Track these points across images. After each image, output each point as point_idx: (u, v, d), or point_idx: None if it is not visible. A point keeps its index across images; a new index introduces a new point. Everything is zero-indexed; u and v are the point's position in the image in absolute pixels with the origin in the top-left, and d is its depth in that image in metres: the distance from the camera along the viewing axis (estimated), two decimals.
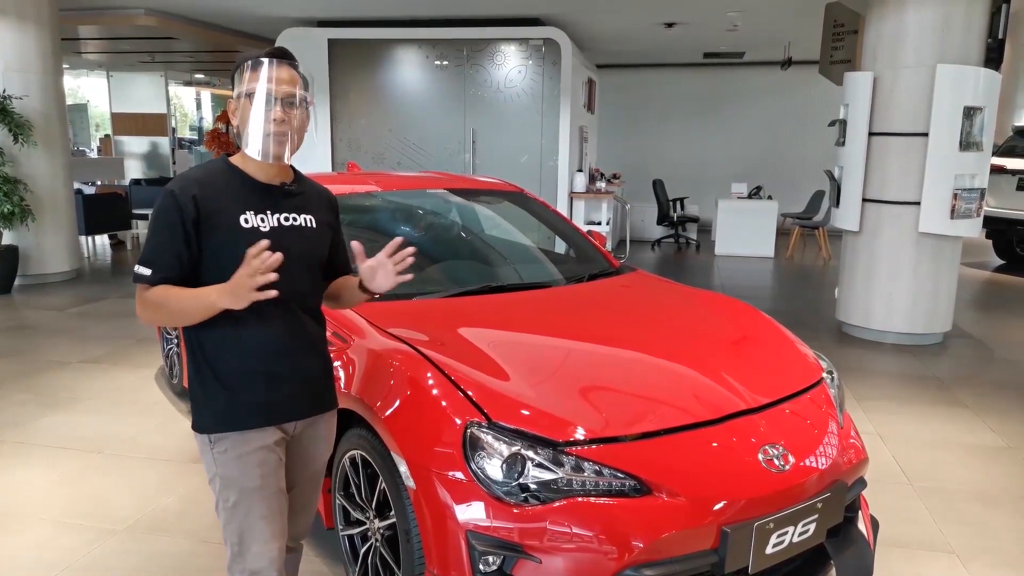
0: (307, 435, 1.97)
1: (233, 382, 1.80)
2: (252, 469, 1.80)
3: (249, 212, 1.77)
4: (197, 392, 1.85)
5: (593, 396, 2.23)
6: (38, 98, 7.40)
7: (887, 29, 5.68)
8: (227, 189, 1.77)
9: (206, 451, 1.84)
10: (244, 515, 1.81)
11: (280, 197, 1.83)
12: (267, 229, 1.77)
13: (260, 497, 1.81)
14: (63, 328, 6.03)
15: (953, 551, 2.94)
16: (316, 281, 1.94)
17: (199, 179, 1.76)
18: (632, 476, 1.97)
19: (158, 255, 1.72)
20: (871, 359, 5.54)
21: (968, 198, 5.57)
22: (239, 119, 1.77)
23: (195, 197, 1.72)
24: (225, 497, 1.81)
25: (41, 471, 3.51)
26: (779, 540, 2.05)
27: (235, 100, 1.78)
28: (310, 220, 1.87)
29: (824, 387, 2.53)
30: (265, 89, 1.72)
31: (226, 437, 1.80)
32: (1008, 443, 4.00)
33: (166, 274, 1.72)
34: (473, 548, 1.93)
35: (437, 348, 2.35)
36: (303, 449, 1.99)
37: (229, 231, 1.74)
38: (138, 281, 1.74)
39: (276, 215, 1.81)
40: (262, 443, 1.82)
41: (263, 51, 1.77)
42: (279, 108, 1.73)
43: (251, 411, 1.82)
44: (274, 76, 1.73)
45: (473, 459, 2.00)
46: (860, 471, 2.38)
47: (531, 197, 3.94)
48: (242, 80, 1.76)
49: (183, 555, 2.81)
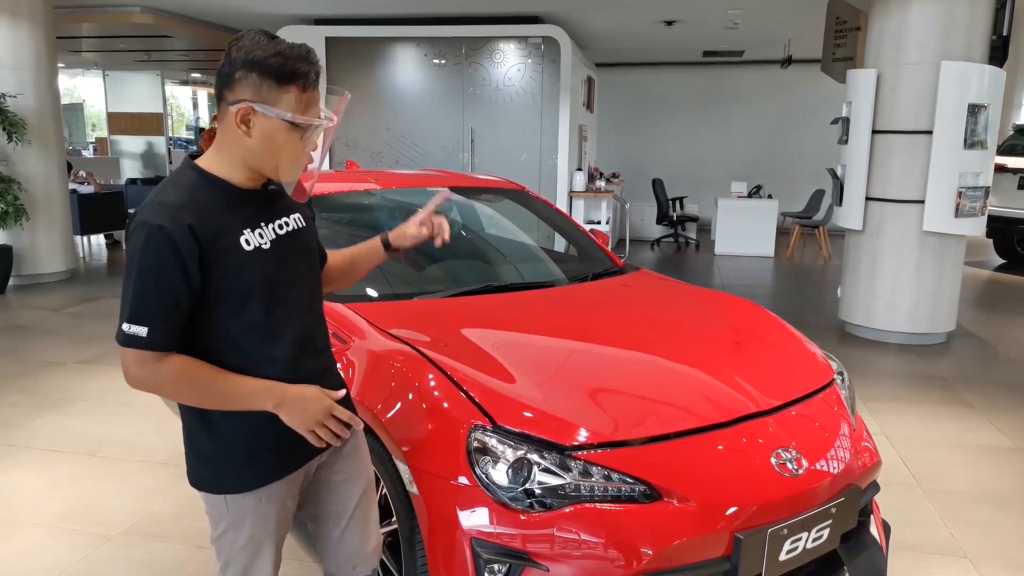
0: (340, 453, 1.77)
1: (252, 428, 1.56)
2: (269, 521, 1.63)
3: (247, 231, 1.52)
4: (203, 444, 1.59)
5: (601, 398, 2.17)
6: (32, 96, 7.32)
7: (890, 26, 5.63)
8: (216, 207, 1.49)
9: (217, 507, 1.62)
10: (251, 556, 1.64)
11: (266, 202, 1.60)
12: (268, 245, 1.55)
13: (271, 544, 1.66)
14: (58, 328, 5.96)
15: (964, 554, 2.89)
16: (319, 281, 1.78)
17: (184, 203, 1.44)
18: (642, 481, 1.91)
19: (152, 307, 1.41)
20: (874, 359, 5.49)
21: (972, 196, 5.53)
22: (257, 136, 1.46)
23: (191, 228, 1.42)
24: (232, 539, 1.63)
25: (34, 474, 3.45)
26: (793, 546, 1.99)
27: (256, 113, 1.45)
28: (299, 219, 1.67)
29: (835, 388, 2.47)
30: (303, 121, 1.47)
31: (249, 495, 1.60)
32: (1016, 444, 3.95)
33: (168, 330, 1.42)
34: (478, 556, 1.87)
35: (439, 349, 2.28)
36: (341, 468, 1.77)
37: (233, 258, 1.48)
38: (132, 345, 1.42)
39: (270, 225, 1.58)
40: (284, 493, 1.64)
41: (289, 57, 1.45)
42: (314, 137, 1.52)
43: (276, 458, 1.61)
44: (316, 103, 1.50)
45: (478, 464, 1.94)
46: (873, 474, 2.32)
47: (533, 195, 3.88)
48: (266, 90, 1.44)
49: (179, 561, 2.75)
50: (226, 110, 1.48)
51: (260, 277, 1.53)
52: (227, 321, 1.52)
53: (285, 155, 1.49)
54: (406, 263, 3.40)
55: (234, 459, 1.59)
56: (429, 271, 3.35)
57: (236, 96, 1.46)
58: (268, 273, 1.55)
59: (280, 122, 1.46)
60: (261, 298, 1.54)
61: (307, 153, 1.53)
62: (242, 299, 1.51)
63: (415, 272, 3.33)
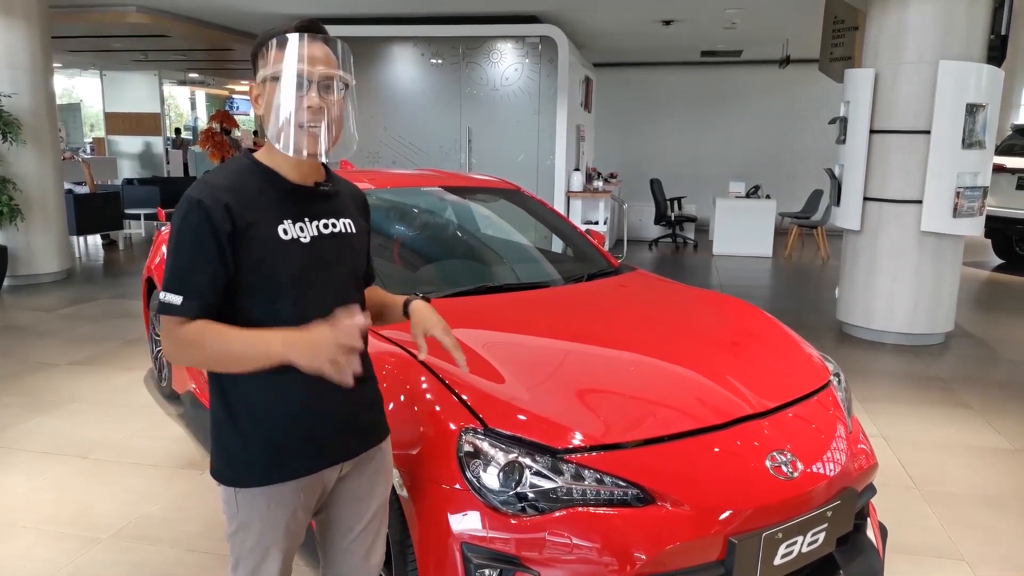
0: (364, 471, 1.72)
1: (274, 423, 1.54)
2: (277, 528, 1.58)
3: (287, 221, 1.51)
4: (228, 437, 1.56)
5: (594, 401, 2.14)
6: (27, 96, 7.28)
7: (888, 25, 5.60)
8: (259, 194, 1.50)
9: (229, 503, 1.59)
10: (259, 560, 1.60)
11: (316, 200, 1.58)
12: (308, 240, 1.53)
13: (278, 552, 1.61)
14: (52, 329, 5.93)
15: (962, 557, 2.86)
16: (360, 293, 1.72)
17: (228, 185, 1.48)
18: (635, 484, 1.89)
19: (189, 279, 1.43)
20: (872, 360, 5.46)
21: (971, 196, 5.50)
22: (263, 107, 1.48)
23: (228, 207, 1.44)
24: (242, 538, 1.59)
25: (25, 477, 3.42)
26: (788, 551, 1.96)
27: (258, 84, 1.50)
28: (349, 225, 1.63)
29: (832, 390, 2.45)
30: (295, 71, 1.43)
31: (263, 490, 1.56)
32: (1014, 445, 3.93)
33: (202, 302, 1.43)
34: (468, 561, 1.85)
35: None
36: (362, 484, 1.72)
37: (267, 245, 1.48)
38: (167, 313, 1.43)
39: (315, 222, 1.56)
40: (296, 502, 1.59)
41: (291, 24, 1.48)
42: (314, 93, 1.45)
43: (291, 458, 1.56)
44: (306, 54, 1.44)
45: (469, 467, 1.91)
46: (870, 477, 2.30)
47: (528, 195, 3.85)
48: (266, 61, 1.47)
49: (169, 564, 2.72)
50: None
51: (294, 269, 1.51)
52: (257, 311, 1.50)
53: (278, 117, 1.45)
54: (401, 264, 3.37)
55: (251, 452, 1.55)
56: (423, 272, 3.32)
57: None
58: (302, 267, 1.52)
59: (272, 83, 1.47)
60: (291, 291, 1.51)
61: (302, 110, 1.44)
62: (273, 289, 1.49)
63: (410, 273, 3.30)
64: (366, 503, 1.74)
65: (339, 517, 1.74)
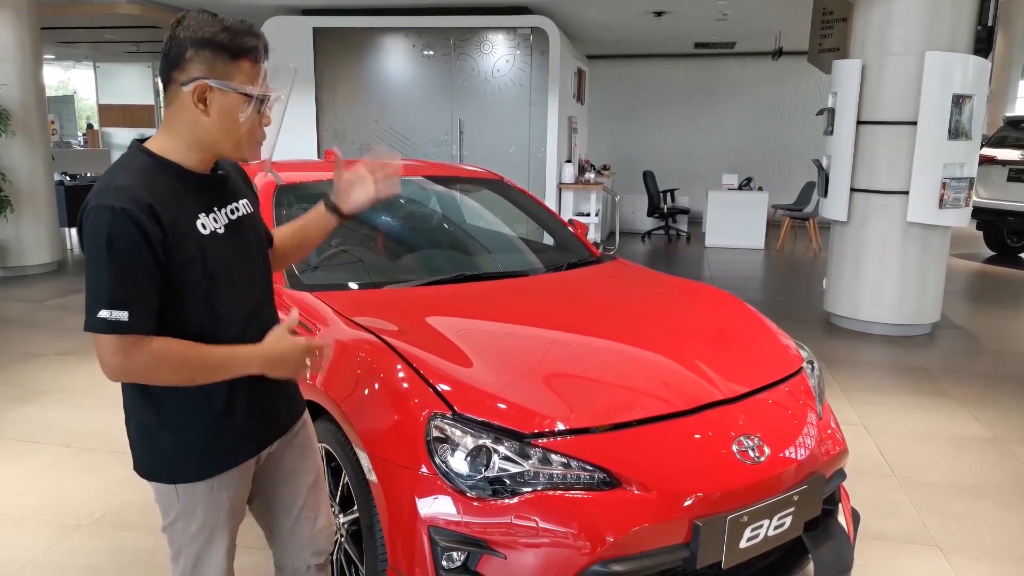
0: (292, 444, 1.75)
1: (209, 414, 1.54)
2: (221, 508, 1.60)
3: (202, 215, 1.50)
4: (156, 438, 1.54)
5: (563, 386, 2.16)
6: (17, 87, 7.27)
7: (875, 16, 5.61)
8: (171, 191, 1.45)
9: (167, 496, 1.58)
10: (203, 544, 1.61)
11: (217, 187, 1.58)
12: (223, 231, 1.53)
13: (224, 532, 1.63)
14: (40, 320, 5.93)
15: (936, 544, 2.88)
16: (269, 265, 1.74)
17: (143, 184, 1.41)
18: (601, 469, 1.90)
19: (131, 291, 1.36)
20: (858, 350, 5.48)
21: (957, 187, 5.51)
22: (219, 113, 1.45)
23: (151, 208, 1.38)
24: (183, 526, 1.60)
25: (7, 466, 3.42)
26: (754, 534, 1.98)
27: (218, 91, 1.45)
28: (247, 204, 1.64)
29: (803, 377, 2.46)
30: (259, 93, 1.47)
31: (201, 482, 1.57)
32: (994, 434, 3.95)
33: (151, 313, 1.39)
34: (435, 544, 1.86)
35: (403, 338, 2.27)
36: (293, 459, 1.76)
37: (194, 243, 1.46)
38: (115, 331, 1.35)
39: (223, 210, 1.56)
40: (237, 480, 1.62)
41: (238, 32, 1.47)
42: (268, 110, 1.51)
43: (235, 445, 1.58)
44: (264, 75, 1.49)
45: (437, 452, 1.92)
46: (839, 463, 2.32)
47: (511, 185, 3.86)
48: (220, 66, 1.44)
49: (147, 550, 2.73)
50: (178, 91, 1.46)
51: (220, 262, 1.51)
52: (188, 306, 1.48)
53: (244, 130, 1.48)
54: (384, 252, 3.38)
55: (190, 450, 1.55)
56: (402, 260, 3.33)
57: (189, 75, 1.44)
58: (226, 258, 1.54)
59: (237, 97, 1.46)
60: (223, 284, 1.52)
61: (262, 129, 1.52)
62: (206, 286, 1.48)
63: (389, 261, 3.31)
64: (300, 477, 1.78)
65: (278, 496, 1.77)
